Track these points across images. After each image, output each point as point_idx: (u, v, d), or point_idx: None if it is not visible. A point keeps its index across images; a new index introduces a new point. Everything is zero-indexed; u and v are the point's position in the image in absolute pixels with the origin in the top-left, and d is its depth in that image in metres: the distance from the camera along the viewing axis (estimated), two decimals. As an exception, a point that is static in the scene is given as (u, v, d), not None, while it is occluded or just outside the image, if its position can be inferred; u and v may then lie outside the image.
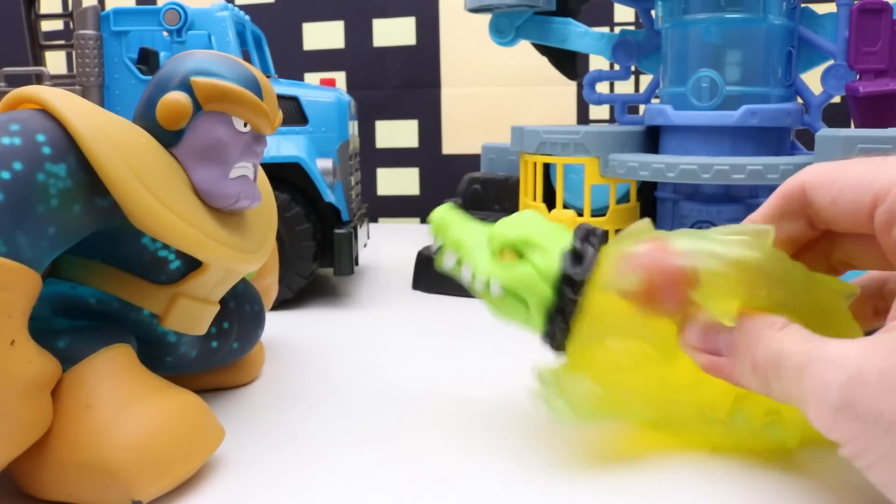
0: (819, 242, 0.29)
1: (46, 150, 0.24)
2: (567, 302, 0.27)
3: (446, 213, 0.30)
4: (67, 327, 0.27)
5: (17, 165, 0.23)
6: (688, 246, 0.27)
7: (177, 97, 0.27)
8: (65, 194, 0.24)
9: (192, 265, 0.29)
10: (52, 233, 0.24)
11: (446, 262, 0.30)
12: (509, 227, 0.29)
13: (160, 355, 0.31)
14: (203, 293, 0.30)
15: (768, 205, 0.29)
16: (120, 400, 0.25)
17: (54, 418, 0.25)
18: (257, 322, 0.36)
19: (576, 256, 0.28)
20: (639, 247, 0.27)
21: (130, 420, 0.25)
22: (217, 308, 0.32)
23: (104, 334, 0.27)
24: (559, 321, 0.27)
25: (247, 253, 0.30)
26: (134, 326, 0.29)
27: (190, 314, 0.30)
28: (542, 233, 0.28)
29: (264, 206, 0.33)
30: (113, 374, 0.26)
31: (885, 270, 0.29)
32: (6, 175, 0.23)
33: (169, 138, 0.28)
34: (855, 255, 0.28)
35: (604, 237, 0.29)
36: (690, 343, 0.27)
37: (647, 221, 0.29)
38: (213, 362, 0.34)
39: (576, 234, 0.29)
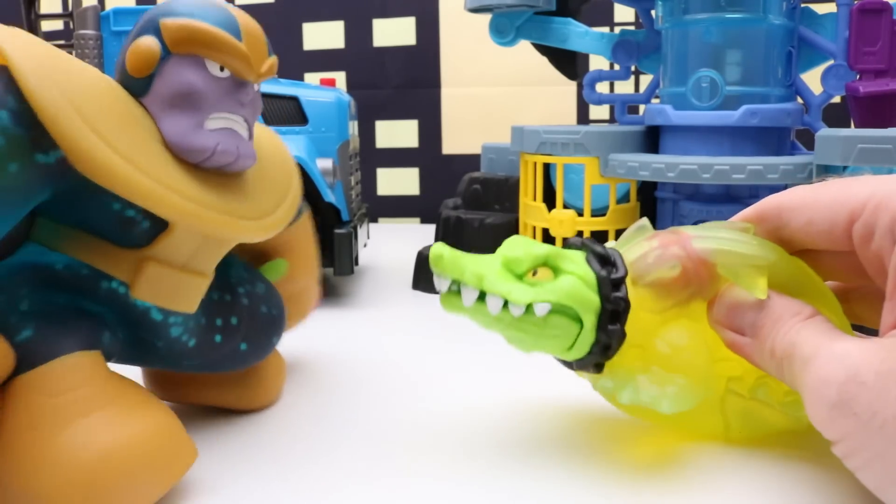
0: None
1: None
2: (619, 303, 0.27)
3: (450, 250, 0.27)
4: (33, 311, 0.25)
5: None
6: (703, 236, 0.28)
7: (144, 41, 0.25)
8: (8, 140, 0.22)
9: (162, 226, 0.26)
10: None
11: (466, 300, 0.26)
12: (524, 247, 0.27)
13: (149, 338, 0.28)
14: (178, 259, 0.27)
15: (742, 217, 0.29)
16: (65, 422, 0.23)
17: None
18: (272, 327, 0.33)
19: (602, 259, 0.27)
20: (657, 240, 0.28)
21: (75, 447, 0.23)
22: (206, 281, 0.28)
23: (68, 335, 0.25)
24: (616, 326, 0.27)
25: (240, 219, 0.27)
26: (108, 300, 0.26)
27: (164, 283, 0.27)
28: (553, 247, 0.28)
29: (276, 170, 0.31)
30: (67, 388, 0.24)
31: (859, 283, 0.29)
32: None
33: (138, 87, 0.26)
34: (828, 269, 0.29)
35: (593, 240, 0.29)
36: (717, 319, 0.28)
37: (646, 220, 0.29)
38: (216, 361, 0.31)
39: (574, 244, 0.29)
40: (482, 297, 0.26)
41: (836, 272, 0.29)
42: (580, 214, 0.51)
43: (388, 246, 0.76)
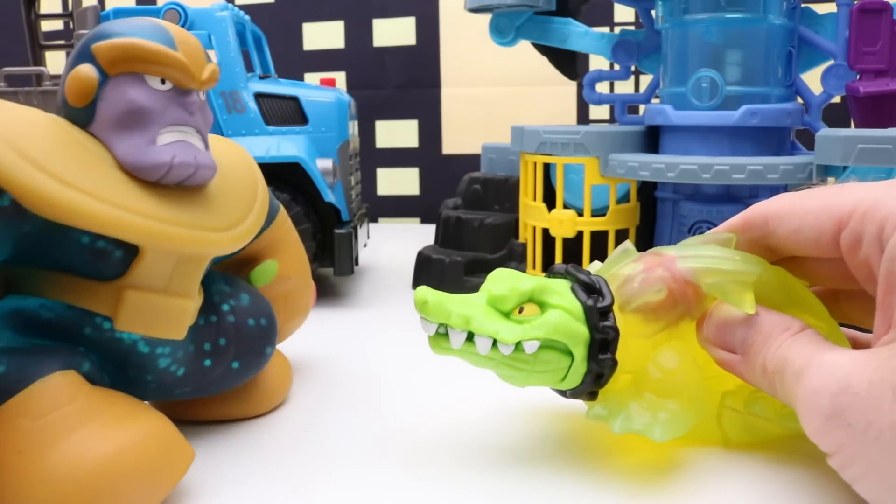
0: (778, 264, 0.29)
1: None
2: (608, 332, 0.26)
3: (435, 294, 0.26)
4: (7, 347, 0.25)
5: None
6: (686, 256, 0.28)
7: (80, 70, 0.25)
8: None
9: (136, 253, 0.25)
10: None
11: (454, 342, 0.26)
12: (508, 283, 0.27)
13: (138, 375, 0.27)
14: (157, 283, 0.26)
15: (728, 226, 0.29)
16: (53, 442, 0.23)
17: None
18: (263, 339, 0.32)
19: (587, 288, 0.27)
20: (641, 263, 0.28)
21: (68, 464, 0.23)
22: (191, 303, 0.27)
23: (43, 360, 0.24)
24: (607, 355, 0.27)
25: (210, 232, 0.27)
26: (92, 340, 0.26)
27: (146, 310, 0.26)
28: (537, 279, 0.28)
29: (240, 179, 0.30)
30: (51, 408, 0.23)
31: (845, 288, 0.29)
32: None
33: (83, 116, 0.25)
34: (815, 276, 0.29)
35: (578, 266, 0.29)
36: (707, 338, 0.28)
37: (629, 243, 0.29)
38: (209, 385, 0.30)
39: (558, 272, 0.29)
40: (471, 337, 0.26)
41: (825, 278, 0.29)
42: (580, 214, 0.51)
43: (388, 246, 0.76)
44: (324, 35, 0.97)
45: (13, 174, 0.22)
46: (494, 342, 0.26)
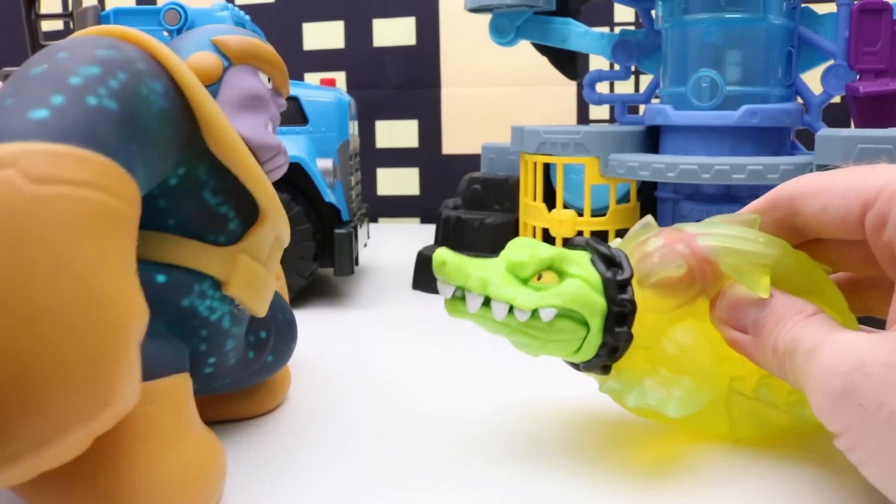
0: (802, 247, 0.29)
1: (142, 65, 0.22)
2: (625, 305, 0.26)
3: (455, 256, 0.26)
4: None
5: (122, 75, 0.21)
6: (707, 233, 0.28)
7: (204, 54, 0.28)
8: (163, 115, 0.23)
9: (248, 224, 0.28)
10: (152, 156, 0.22)
11: (471, 306, 0.26)
12: (528, 249, 0.27)
13: (207, 353, 0.28)
14: (261, 255, 0.28)
15: (755, 206, 0.29)
16: (178, 437, 0.24)
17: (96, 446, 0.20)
18: (291, 333, 0.33)
19: (607, 260, 0.27)
20: (661, 238, 0.28)
21: (180, 466, 0.23)
22: (275, 283, 0.30)
23: (176, 355, 0.26)
24: (623, 329, 0.26)
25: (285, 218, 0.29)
26: (187, 311, 0.26)
27: (253, 278, 0.28)
28: (557, 248, 0.27)
29: None
30: (176, 406, 0.24)
31: (870, 274, 0.29)
32: (114, 83, 0.21)
33: None
34: (839, 259, 0.29)
35: (598, 239, 0.29)
36: (720, 316, 0.28)
37: (650, 217, 0.29)
38: (246, 377, 0.31)
39: (578, 244, 0.29)
40: (487, 302, 0.26)
41: (848, 262, 0.28)
42: (580, 214, 0.51)
43: (388, 246, 0.76)
44: (324, 35, 0.97)
45: (212, 113, 0.25)
46: (511, 308, 0.26)
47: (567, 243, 0.29)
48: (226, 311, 0.28)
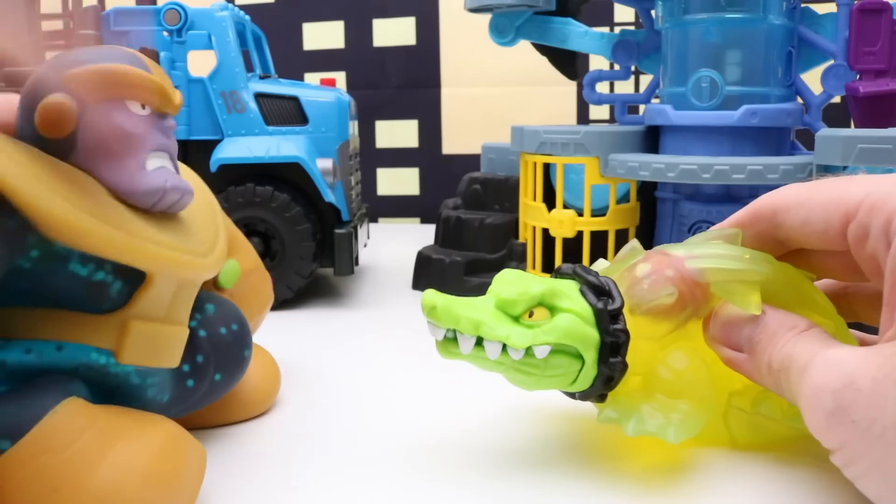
0: (786, 258, 0.29)
1: None
2: (618, 335, 0.26)
3: (444, 298, 0.26)
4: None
5: None
6: (694, 255, 0.28)
7: (51, 99, 0.23)
8: None
9: (134, 283, 0.25)
10: None
11: (464, 347, 0.26)
12: (518, 285, 0.27)
13: (129, 404, 0.26)
14: (159, 312, 0.26)
15: (736, 220, 0.29)
16: (87, 471, 0.22)
17: None
18: (238, 344, 0.31)
19: (596, 290, 0.27)
20: (649, 264, 0.28)
21: (107, 490, 0.22)
22: (185, 330, 0.27)
23: (46, 392, 0.23)
24: (618, 359, 0.26)
25: (198, 257, 0.26)
26: (84, 378, 0.24)
27: (150, 341, 0.25)
28: (545, 282, 0.27)
29: (203, 206, 0.29)
30: (71, 439, 0.22)
31: (854, 282, 0.29)
32: None
33: (62, 148, 0.23)
34: (824, 269, 0.29)
35: (585, 267, 0.29)
36: (713, 336, 0.28)
37: (636, 242, 0.29)
38: (195, 404, 0.29)
39: (566, 272, 0.28)
40: (480, 342, 0.26)
41: (832, 271, 0.29)
42: (580, 214, 0.51)
43: (388, 246, 0.76)
44: (324, 35, 0.97)
45: (35, 197, 0.21)
46: (504, 347, 0.26)
47: (554, 272, 0.29)
48: (130, 371, 0.25)
